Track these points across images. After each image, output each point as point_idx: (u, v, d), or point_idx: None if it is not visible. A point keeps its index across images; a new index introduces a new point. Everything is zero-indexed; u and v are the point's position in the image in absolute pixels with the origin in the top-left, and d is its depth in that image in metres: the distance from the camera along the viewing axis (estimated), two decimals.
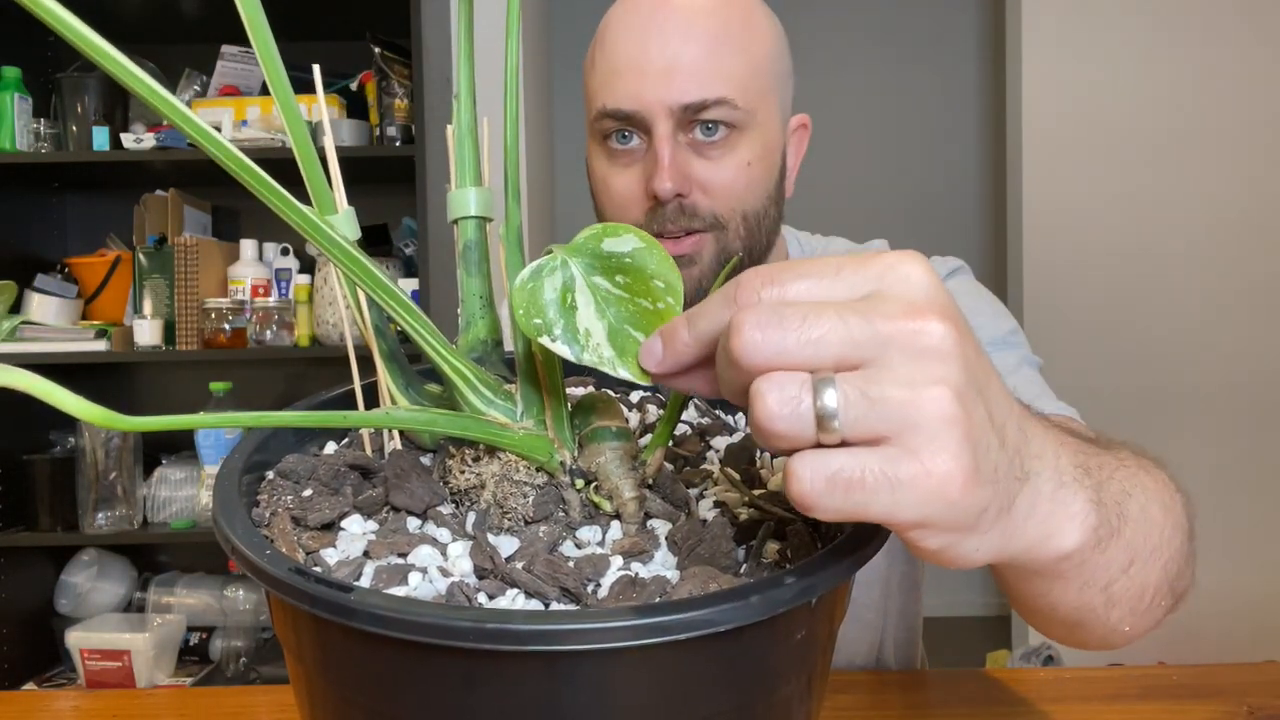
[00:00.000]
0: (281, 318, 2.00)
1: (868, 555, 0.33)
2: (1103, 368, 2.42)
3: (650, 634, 0.28)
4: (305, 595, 0.31)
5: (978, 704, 0.79)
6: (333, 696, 0.34)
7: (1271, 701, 0.77)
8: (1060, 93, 2.44)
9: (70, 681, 1.99)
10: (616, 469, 0.36)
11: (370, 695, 0.32)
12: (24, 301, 2.02)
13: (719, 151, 0.76)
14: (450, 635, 0.28)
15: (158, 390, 2.26)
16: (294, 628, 0.35)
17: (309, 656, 0.34)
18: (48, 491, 1.98)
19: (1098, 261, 2.43)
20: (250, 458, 0.41)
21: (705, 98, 0.74)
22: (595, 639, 0.28)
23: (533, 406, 0.37)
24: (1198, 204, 2.41)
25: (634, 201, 0.78)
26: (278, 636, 0.37)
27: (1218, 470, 2.40)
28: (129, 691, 1.08)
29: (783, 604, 0.30)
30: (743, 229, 0.78)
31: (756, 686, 0.32)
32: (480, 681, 0.30)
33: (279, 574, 0.32)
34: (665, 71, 0.73)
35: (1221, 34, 2.39)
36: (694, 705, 0.31)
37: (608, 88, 0.77)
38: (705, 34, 0.74)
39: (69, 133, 2.02)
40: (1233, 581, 2.39)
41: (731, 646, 0.30)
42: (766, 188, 0.79)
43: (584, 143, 0.89)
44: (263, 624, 2.07)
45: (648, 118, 0.75)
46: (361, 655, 0.31)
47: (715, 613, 0.29)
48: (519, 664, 0.29)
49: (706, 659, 0.30)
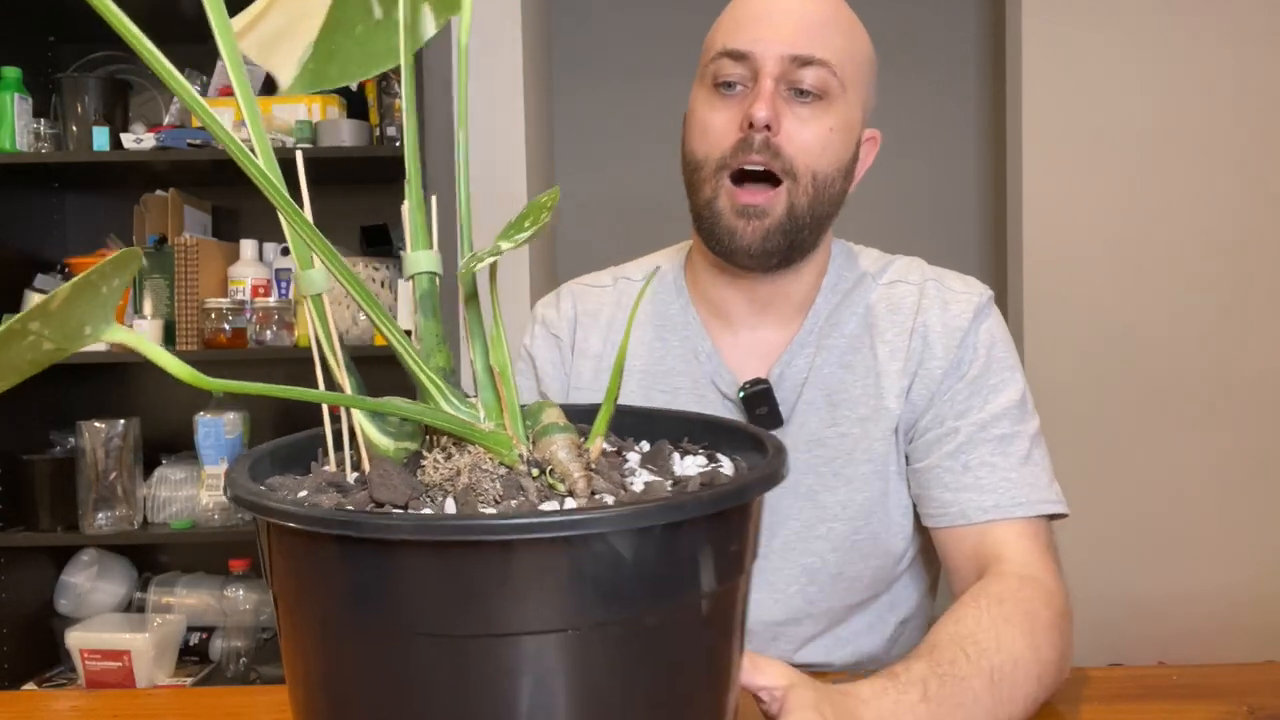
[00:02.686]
0: (281, 318, 2.00)
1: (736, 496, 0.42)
2: (1102, 367, 2.42)
3: (577, 527, 0.37)
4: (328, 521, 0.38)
5: None
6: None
7: (1271, 701, 0.77)
8: (1060, 93, 2.44)
9: (70, 681, 1.99)
10: (566, 455, 0.44)
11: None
12: (24, 301, 2.03)
13: (809, 112, 0.86)
14: (439, 532, 0.37)
15: (158, 390, 2.26)
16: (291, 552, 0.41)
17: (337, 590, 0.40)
18: (48, 491, 1.98)
19: (1098, 261, 2.43)
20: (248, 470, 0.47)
21: (813, 54, 0.84)
22: (538, 530, 0.37)
23: (493, 412, 0.45)
24: (1197, 204, 2.41)
25: (727, 134, 0.86)
26: (276, 572, 0.43)
27: (1218, 470, 2.40)
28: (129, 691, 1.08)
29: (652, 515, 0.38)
30: (811, 187, 0.86)
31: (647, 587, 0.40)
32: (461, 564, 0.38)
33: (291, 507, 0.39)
34: (782, 24, 0.85)
35: (1221, 34, 2.39)
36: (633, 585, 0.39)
37: (731, 32, 0.87)
38: (823, 10, 0.87)
39: (69, 133, 2.02)
40: (1233, 581, 2.40)
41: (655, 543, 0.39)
42: (841, 159, 0.88)
43: (584, 160, 0.93)
44: (263, 624, 2.06)
45: (760, 60, 0.85)
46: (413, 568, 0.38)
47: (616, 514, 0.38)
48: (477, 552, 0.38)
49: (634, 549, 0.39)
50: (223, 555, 2.09)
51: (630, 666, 0.40)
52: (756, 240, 0.86)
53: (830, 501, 0.91)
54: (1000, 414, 0.88)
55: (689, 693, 0.42)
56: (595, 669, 0.39)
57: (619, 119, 3.25)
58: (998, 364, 0.90)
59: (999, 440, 0.87)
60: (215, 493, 1.93)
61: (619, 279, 1.03)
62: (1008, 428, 0.87)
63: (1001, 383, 0.89)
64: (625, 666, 0.39)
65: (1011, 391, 0.89)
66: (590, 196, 3.22)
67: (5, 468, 1.99)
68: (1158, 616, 2.40)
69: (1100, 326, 2.43)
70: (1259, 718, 0.74)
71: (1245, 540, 2.40)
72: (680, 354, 0.96)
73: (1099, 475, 2.42)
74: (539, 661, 0.38)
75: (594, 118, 3.19)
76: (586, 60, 3.24)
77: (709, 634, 0.43)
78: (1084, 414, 2.41)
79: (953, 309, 0.92)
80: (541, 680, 0.38)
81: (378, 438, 0.46)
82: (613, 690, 0.39)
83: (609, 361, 0.98)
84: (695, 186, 0.89)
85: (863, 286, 0.95)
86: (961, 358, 0.90)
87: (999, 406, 0.88)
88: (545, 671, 0.38)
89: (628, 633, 0.39)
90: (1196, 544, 2.41)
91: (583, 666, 0.39)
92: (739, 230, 0.86)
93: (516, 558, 0.37)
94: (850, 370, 0.92)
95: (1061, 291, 2.44)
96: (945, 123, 3.37)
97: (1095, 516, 2.43)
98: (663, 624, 0.40)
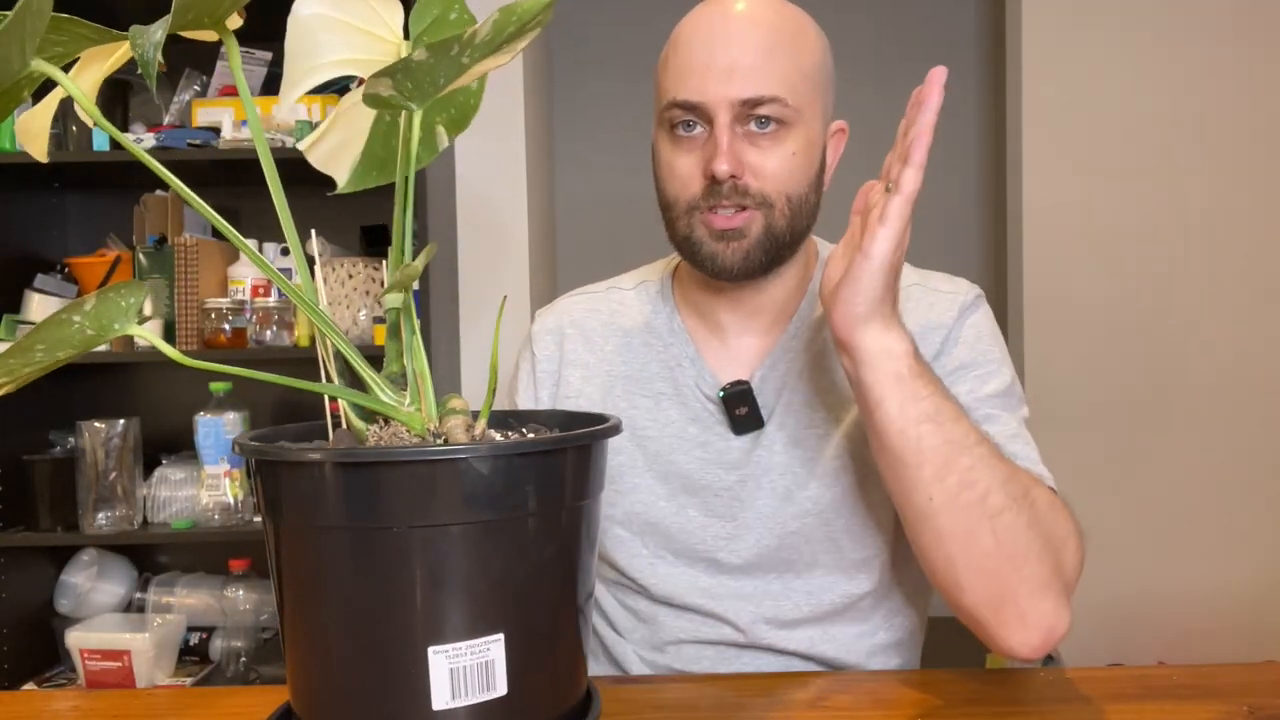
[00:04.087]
0: (281, 318, 2.00)
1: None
2: (1102, 367, 2.42)
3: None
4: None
5: (978, 704, 0.79)
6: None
7: (1271, 701, 0.77)
8: (1060, 93, 2.44)
9: (70, 681, 1.99)
10: (459, 430, 0.60)
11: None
12: (24, 301, 2.03)
13: (769, 142, 0.88)
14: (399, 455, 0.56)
15: (158, 390, 2.26)
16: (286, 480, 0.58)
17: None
18: (48, 491, 1.98)
19: (1097, 261, 2.43)
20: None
21: (761, 94, 0.86)
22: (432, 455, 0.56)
23: (415, 400, 0.62)
24: (1197, 204, 2.41)
25: (694, 180, 0.89)
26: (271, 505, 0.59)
27: (1218, 470, 2.41)
28: (129, 691, 1.08)
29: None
30: (786, 209, 0.90)
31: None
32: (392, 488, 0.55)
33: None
34: (728, 71, 0.86)
35: (1222, 34, 2.40)
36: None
37: (679, 83, 0.88)
38: (763, 41, 0.87)
39: (69, 133, 2.02)
40: (1233, 581, 2.40)
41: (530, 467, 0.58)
42: (808, 176, 0.91)
43: (584, 170, 0.94)
44: (263, 624, 2.07)
45: (711, 109, 0.87)
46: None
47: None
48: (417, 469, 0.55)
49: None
50: (223, 555, 2.09)
51: (434, 561, 0.55)
52: (738, 261, 0.90)
53: (803, 497, 0.94)
54: (987, 398, 0.90)
55: (538, 581, 0.59)
56: (457, 555, 0.55)
57: (617, 127, 3.25)
58: (984, 356, 0.92)
59: (986, 419, 0.87)
60: (215, 493, 1.93)
61: (611, 288, 1.08)
62: (995, 409, 0.89)
63: (989, 373, 0.91)
64: (428, 561, 0.55)
65: (998, 381, 0.91)
66: (588, 202, 3.22)
67: (5, 468, 1.99)
68: (1158, 616, 2.40)
69: (1100, 326, 2.43)
70: (1259, 718, 0.74)
71: (1245, 540, 2.40)
72: (664, 360, 0.99)
73: (1099, 475, 2.42)
74: (424, 547, 0.55)
75: (592, 124, 3.19)
76: (585, 67, 3.24)
77: (544, 541, 0.59)
78: (1084, 414, 2.41)
79: (938, 308, 0.94)
80: (430, 561, 0.55)
81: (356, 422, 0.63)
82: (479, 571, 0.56)
83: (595, 370, 1.02)
84: (671, 223, 0.92)
85: None
86: (945, 350, 0.92)
87: (986, 393, 0.90)
88: (432, 554, 0.55)
89: (479, 531, 0.56)
90: (1196, 544, 2.41)
91: (451, 553, 0.55)
92: (719, 254, 0.90)
93: (399, 473, 0.55)
94: (830, 373, 0.95)
95: (1061, 291, 2.44)
96: (945, 123, 3.37)
97: (1095, 516, 2.43)
98: (502, 527, 0.56)
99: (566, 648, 0.61)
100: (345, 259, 2.01)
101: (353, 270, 1.98)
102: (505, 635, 0.56)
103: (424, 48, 0.54)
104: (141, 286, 0.56)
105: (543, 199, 2.71)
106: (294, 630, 0.59)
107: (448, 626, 0.55)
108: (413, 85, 0.57)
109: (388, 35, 0.64)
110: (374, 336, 1.94)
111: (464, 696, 0.55)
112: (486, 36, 0.54)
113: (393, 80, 0.56)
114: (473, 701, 0.56)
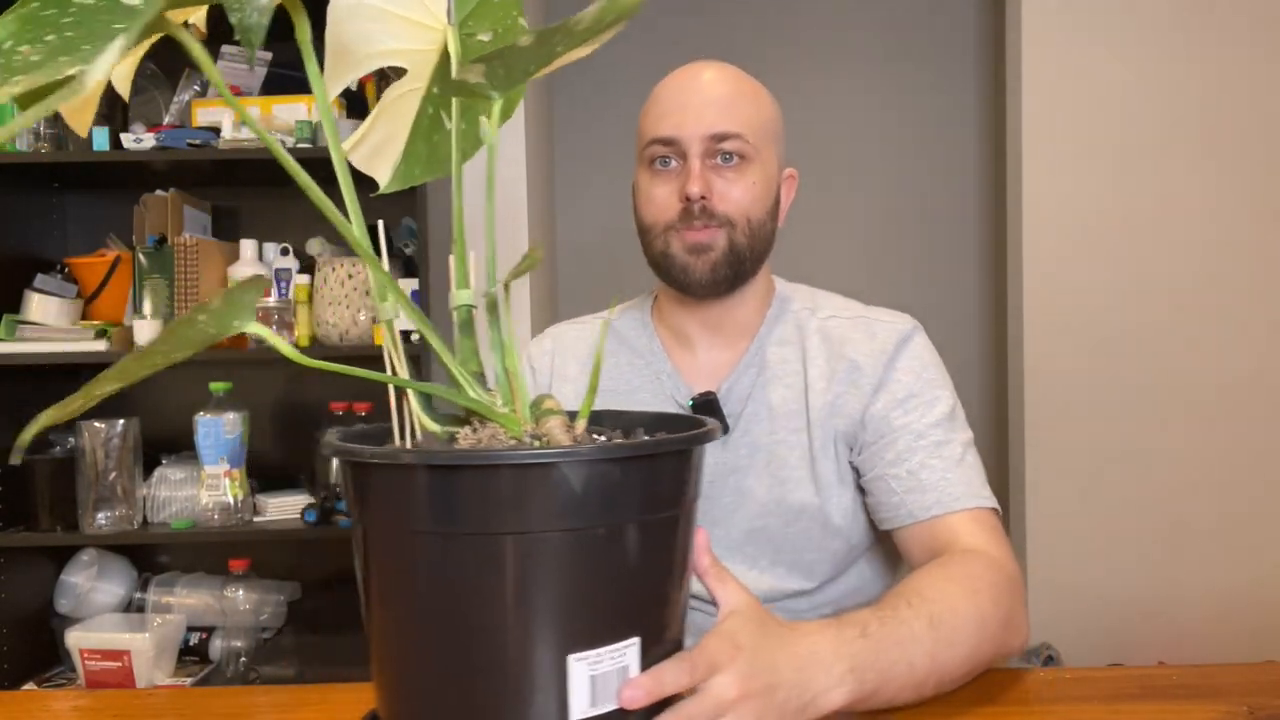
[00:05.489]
0: (281, 318, 2.00)
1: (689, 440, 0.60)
2: (1102, 367, 2.42)
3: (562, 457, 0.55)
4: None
5: (978, 704, 0.79)
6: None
7: (1271, 701, 0.77)
8: (1060, 94, 2.44)
9: (70, 681, 1.99)
10: (558, 431, 0.60)
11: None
12: (24, 301, 2.03)
13: (733, 174, 1.03)
14: (489, 460, 0.55)
15: (158, 390, 2.26)
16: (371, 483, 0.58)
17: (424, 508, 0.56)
18: (48, 491, 1.98)
19: (1097, 261, 2.43)
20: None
21: (726, 130, 1.02)
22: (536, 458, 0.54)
23: (508, 400, 0.62)
24: (1197, 203, 2.41)
25: (670, 205, 1.04)
26: (358, 502, 0.59)
27: (1217, 470, 2.40)
28: (129, 691, 1.08)
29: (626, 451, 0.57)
30: (748, 229, 1.04)
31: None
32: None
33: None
34: (699, 110, 1.02)
35: (1221, 35, 2.40)
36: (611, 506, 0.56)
37: (658, 123, 1.04)
38: (728, 93, 1.04)
39: (69, 133, 2.02)
40: (1233, 581, 2.40)
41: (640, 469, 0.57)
42: (765, 205, 1.06)
43: (584, 202, 0.96)
44: (263, 624, 2.07)
45: (685, 143, 1.02)
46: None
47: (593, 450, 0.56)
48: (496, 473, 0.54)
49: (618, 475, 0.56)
50: (222, 555, 2.09)
51: (589, 565, 0.55)
52: (706, 271, 1.03)
53: (767, 499, 1.05)
54: (933, 425, 1.01)
55: (635, 589, 0.58)
56: (564, 564, 0.54)
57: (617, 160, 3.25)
58: (927, 384, 1.04)
59: (934, 445, 1.00)
60: (215, 493, 1.93)
61: (596, 319, 1.22)
62: (941, 435, 1.01)
63: (933, 399, 1.03)
64: (585, 564, 0.55)
65: (942, 406, 1.03)
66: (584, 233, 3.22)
67: (5, 468, 1.99)
68: (1158, 616, 2.40)
69: (1100, 327, 2.43)
70: (1259, 718, 0.74)
71: (1245, 540, 2.40)
72: (645, 375, 1.13)
73: (1099, 475, 2.42)
74: (521, 554, 0.54)
75: (592, 158, 3.19)
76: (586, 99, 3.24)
77: (670, 542, 0.59)
78: (1084, 414, 2.41)
79: (879, 338, 1.06)
80: (521, 569, 0.54)
81: (428, 422, 0.62)
82: (616, 574, 0.56)
83: (584, 385, 1.08)
84: (649, 244, 1.07)
85: (799, 318, 1.11)
86: (889, 378, 1.04)
87: (931, 419, 1.01)
88: (528, 562, 0.54)
89: (582, 539, 0.54)
90: (1196, 544, 2.41)
91: (556, 561, 0.54)
92: (690, 265, 1.03)
93: (503, 477, 0.53)
94: (789, 389, 1.07)
95: (1061, 291, 2.44)
96: (945, 123, 3.37)
97: (1095, 516, 2.43)
98: (610, 534, 0.55)
99: (677, 648, 0.62)
100: (345, 259, 2.01)
101: (352, 270, 1.98)
102: (640, 638, 0.56)
103: (531, 34, 0.53)
104: (259, 283, 0.55)
105: (545, 232, 2.72)
106: (404, 642, 0.57)
107: (588, 632, 0.54)
108: (504, 72, 0.57)
109: (432, 22, 0.63)
110: (373, 337, 1.94)
111: (602, 703, 0.55)
112: (586, 25, 0.54)
113: (487, 67, 0.55)
114: (610, 709, 0.55)
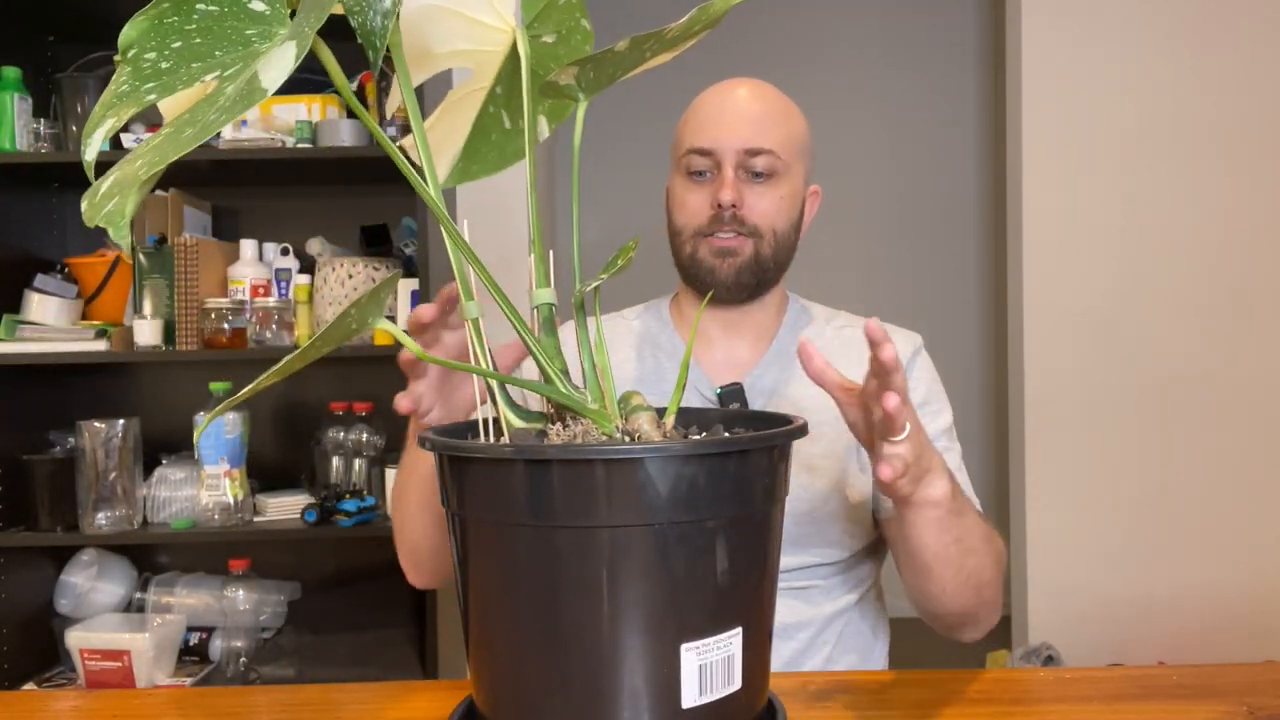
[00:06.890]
0: (281, 318, 2.00)
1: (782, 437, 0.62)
2: (1102, 368, 2.42)
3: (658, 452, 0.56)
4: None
5: (978, 704, 0.79)
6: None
7: (1271, 701, 0.77)
8: (1060, 96, 2.44)
9: (70, 681, 1.99)
10: (648, 426, 0.62)
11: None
12: (24, 301, 2.02)
13: (763, 188, 1.10)
14: (581, 453, 0.57)
15: (158, 390, 2.26)
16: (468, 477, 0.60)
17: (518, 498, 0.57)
18: (48, 491, 1.98)
19: (1097, 263, 2.43)
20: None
21: (760, 146, 1.08)
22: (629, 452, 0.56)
23: (597, 397, 0.64)
24: (1197, 204, 2.41)
25: (701, 211, 1.10)
26: (455, 496, 0.61)
27: (1217, 470, 2.41)
28: (129, 691, 1.08)
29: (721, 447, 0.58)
30: (773, 240, 1.11)
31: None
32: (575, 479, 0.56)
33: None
34: (735, 125, 1.09)
35: (1221, 35, 2.40)
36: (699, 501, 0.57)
37: (696, 134, 1.10)
38: (763, 109, 1.10)
39: (69, 133, 2.02)
40: (1233, 581, 2.40)
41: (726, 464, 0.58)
42: (790, 218, 1.13)
43: (594, 187, 1.02)
44: (262, 624, 2.06)
45: (721, 154, 1.09)
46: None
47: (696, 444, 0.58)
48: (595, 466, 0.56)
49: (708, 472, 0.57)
50: (222, 555, 2.09)
51: (686, 556, 0.56)
52: (731, 275, 1.10)
53: (794, 485, 1.06)
54: (939, 433, 1.09)
55: (729, 583, 0.59)
56: (659, 557, 0.56)
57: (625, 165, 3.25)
58: (936, 394, 1.12)
59: (943, 450, 1.03)
60: (215, 492, 1.93)
61: (615, 317, 1.26)
62: (945, 443, 1.09)
63: (940, 409, 1.11)
64: (681, 556, 0.56)
65: (946, 418, 1.11)
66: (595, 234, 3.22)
67: (5, 468, 1.99)
68: (1158, 616, 2.40)
69: (1099, 327, 2.43)
70: (1259, 718, 0.74)
71: (1245, 540, 2.40)
72: (668, 367, 1.17)
73: (1099, 475, 2.42)
74: (618, 547, 0.55)
75: (601, 162, 3.19)
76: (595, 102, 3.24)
77: (765, 534, 0.61)
78: (1084, 414, 2.41)
79: (896, 344, 1.08)
80: (683, 557, 0.56)
81: (514, 420, 0.64)
82: (722, 565, 0.57)
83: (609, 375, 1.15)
84: (679, 248, 1.13)
85: (816, 325, 1.18)
86: (907, 381, 1.05)
87: (937, 427, 1.09)
88: (623, 555, 0.55)
89: (684, 531, 0.56)
90: (1196, 544, 2.41)
91: (650, 554, 0.56)
92: (717, 268, 1.09)
93: (602, 471, 0.55)
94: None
95: (1061, 292, 2.44)
96: (945, 123, 3.37)
97: (1096, 516, 2.43)
98: (711, 527, 0.57)
99: (769, 640, 0.64)
100: (345, 259, 2.01)
101: (352, 270, 1.98)
102: (742, 628, 0.58)
103: (627, 40, 0.55)
104: (391, 281, 0.59)
105: (547, 242, 2.71)
106: (504, 633, 0.59)
107: (697, 622, 0.57)
108: (595, 75, 0.58)
109: (500, 24, 0.64)
110: (374, 337, 1.94)
111: (709, 692, 0.57)
112: (677, 33, 0.55)
113: (579, 70, 0.57)
114: (716, 697, 0.57)
